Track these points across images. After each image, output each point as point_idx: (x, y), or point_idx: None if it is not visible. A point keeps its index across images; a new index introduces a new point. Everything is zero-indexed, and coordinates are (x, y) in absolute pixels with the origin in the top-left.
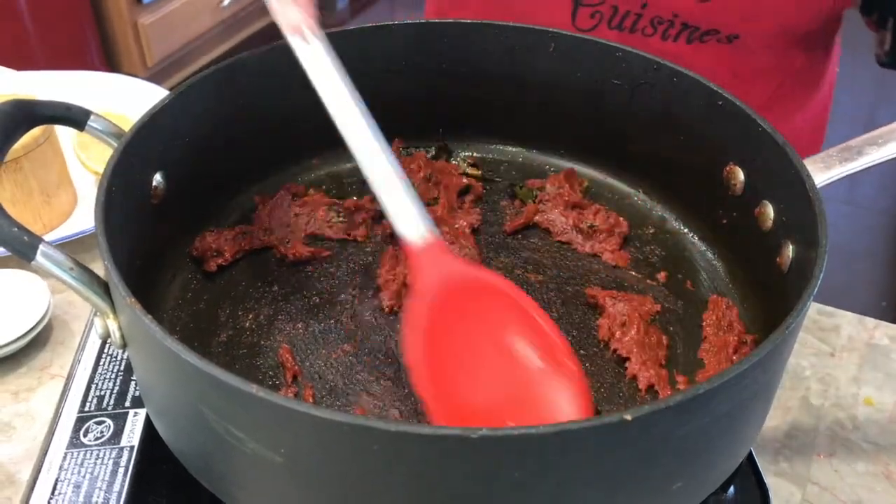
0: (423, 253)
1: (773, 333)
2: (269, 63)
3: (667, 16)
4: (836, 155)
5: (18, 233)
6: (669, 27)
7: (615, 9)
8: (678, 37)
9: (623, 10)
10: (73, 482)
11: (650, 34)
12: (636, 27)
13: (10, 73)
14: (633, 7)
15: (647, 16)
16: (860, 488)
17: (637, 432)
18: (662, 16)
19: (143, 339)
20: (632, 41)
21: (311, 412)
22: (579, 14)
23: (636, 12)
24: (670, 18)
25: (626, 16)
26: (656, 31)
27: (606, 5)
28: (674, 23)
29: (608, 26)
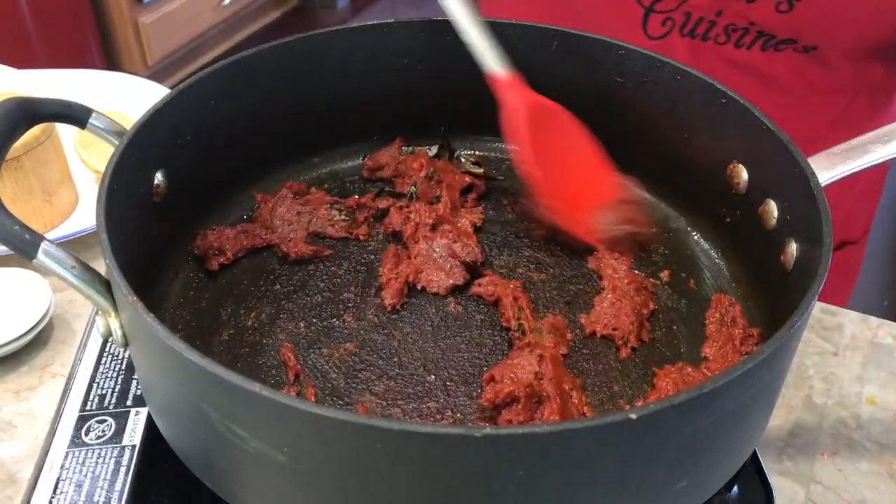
0: (510, 81)
1: (777, 332)
2: (270, 61)
3: (742, 24)
4: (840, 153)
5: (20, 231)
6: (744, 35)
7: (688, 15)
8: (752, 45)
9: (696, 16)
10: (74, 481)
11: (723, 42)
12: (709, 35)
13: (10, 71)
14: (707, 14)
15: (721, 23)
16: (864, 487)
17: (641, 431)
18: (737, 23)
19: (145, 338)
20: (703, 49)
21: (313, 411)
22: (650, 21)
23: (710, 19)
24: (745, 26)
25: (699, 23)
26: (730, 39)
27: (679, 12)
28: (749, 30)
29: (680, 33)
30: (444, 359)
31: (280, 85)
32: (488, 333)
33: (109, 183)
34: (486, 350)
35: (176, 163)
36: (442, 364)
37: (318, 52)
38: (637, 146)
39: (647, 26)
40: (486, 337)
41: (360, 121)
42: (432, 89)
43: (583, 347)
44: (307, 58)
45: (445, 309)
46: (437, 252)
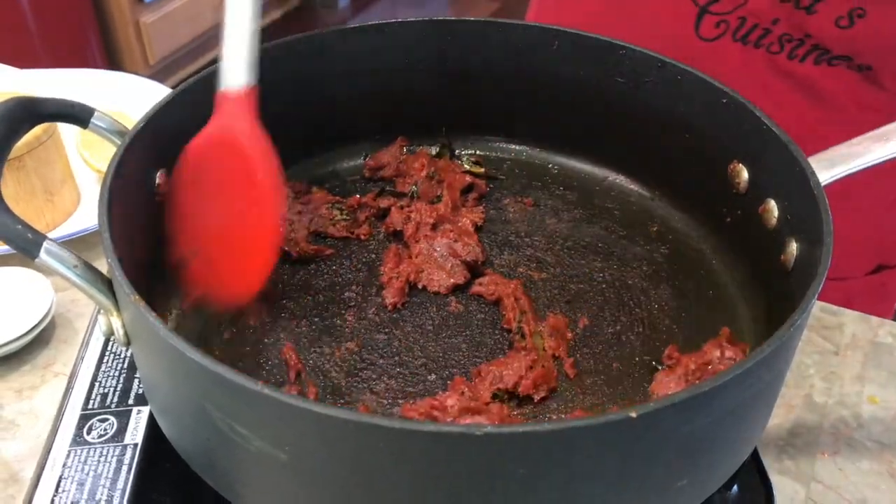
0: (229, 98)
1: (778, 331)
2: (271, 61)
3: (798, 35)
4: (840, 153)
5: (22, 230)
6: (798, 46)
7: (743, 20)
8: (806, 57)
9: (751, 23)
10: (76, 480)
11: (776, 52)
12: (762, 42)
13: (12, 71)
14: (762, 21)
15: (776, 32)
16: (864, 486)
17: (642, 430)
18: (793, 34)
19: (147, 337)
20: (755, 57)
21: (316, 409)
22: (704, 22)
23: (765, 27)
24: (801, 38)
25: (753, 29)
26: (783, 50)
27: (734, 16)
28: (804, 42)
29: (732, 37)
30: (444, 358)
31: (281, 84)
32: (489, 333)
33: (111, 182)
34: (487, 349)
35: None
36: (443, 363)
37: (320, 52)
38: (637, 146)
39: (700, 27)
40: (487, 336)
41: (360, 120)
42: (433, 89)
43: (583, 346)
44: (308, 57)
45: (446, 308)
46: (438, 251)
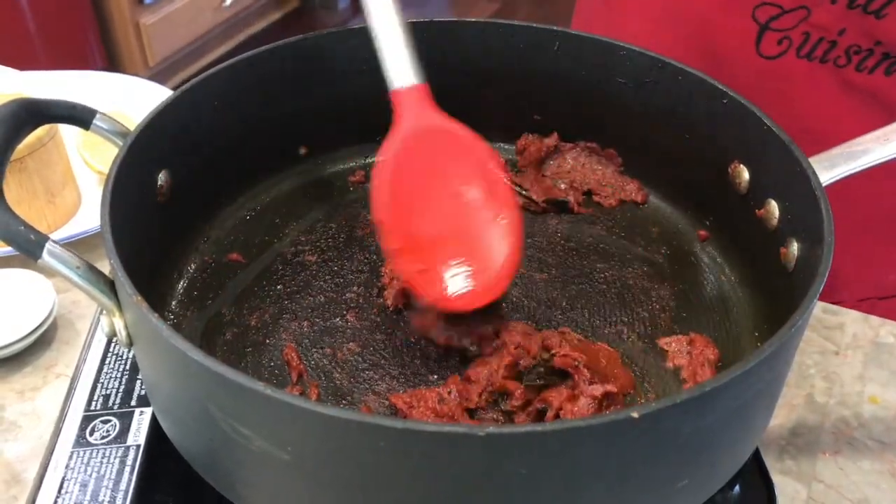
0: (406, 97)
1: (779, 330)
2: (273, 62)
3: (867, 44)
4: (841, 153)
5: (25, 231)
6: (867, 57)
7: (807, 35)
8: (875, 68)
9: (816, 37)
10: (79, 481)
11: (843, 65)
12: (828, 56)
13: (12, 72)
14: (828, 34)
15: (842, 44)
16: (866, 486)
17: (644, 430)
18: (861, 44)
19: (150, 338)
20: (821, 72)
21: (318, 410)
22: (765, 39)
23: (830, 39)
24: (870, 47)
25: (818, 43)
26: (850, 62)
27: (797, 31)
28: (873, 52)
29: (797, 54)
30: (446, 358)
31: (283, 85)
32: None
33: (114, 183)
34: None
35: (179, 163)
36: (444, 363)
37: (321, 53)
38: (638, 147)
39: (761, 45)
40: None
41: (362, 121)
42: (433, 90)
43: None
44: (310, 58)
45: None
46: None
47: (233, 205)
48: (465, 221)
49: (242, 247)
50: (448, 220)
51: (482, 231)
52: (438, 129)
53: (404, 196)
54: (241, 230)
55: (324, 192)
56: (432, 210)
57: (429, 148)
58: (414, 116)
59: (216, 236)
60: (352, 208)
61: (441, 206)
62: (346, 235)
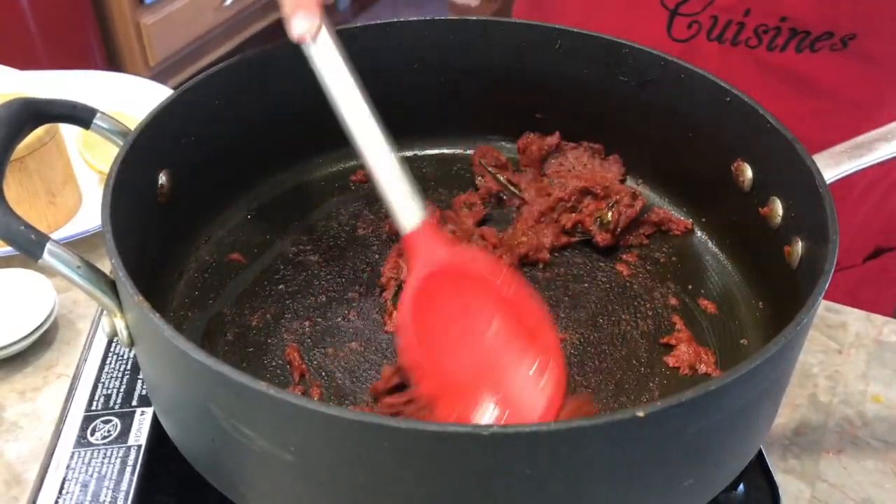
0: (416, 237)
1: (785, 329)
2: (274, 62)
3: (773, 22)
4: (846, 151)
5: (26, 231)
6: (776, 35)
7: (715, 19)
8: (786, 45)
9: (724, 20)
10: (80, 481)
11: (754, 46)
12: (738, 39)
13: (12, 72)
14: (734, 15)
15: (750, 24)
16: (869, 486)
17: (649, 429)
18: (768, 23)
19: (151, 338)
20: (734, 55)
21: (320, 410)
22: (675, 24)
23: (738, 21)
24: (777, 24)
25: (727, 25)
26: (761, 42)
27: (705, 15)
28: (781, 29)
29: (707, 37)
30: None
31: (284, 85)
32: None
33: (114, 183)
34: None
35: (180, 163)
36: None
37: None
38: (640, 145)
39: (673, 29)
40: None
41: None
42: (435, 89)
43: (587, 345)
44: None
45: None
46: None
47: (234, 204)
48: (497, 357)
49: (243, 246)
50: (479, 356)
51: (517, 365)
52: (453, 266)
53: (432, 339)
54: (242, 230)
55: (325, 192)
56: (462, 349)
57: (447, 286)
58: (426, 257)
59: (217, 236)
60: (353, 207)
61: (470, 344)
62: (348, 235)
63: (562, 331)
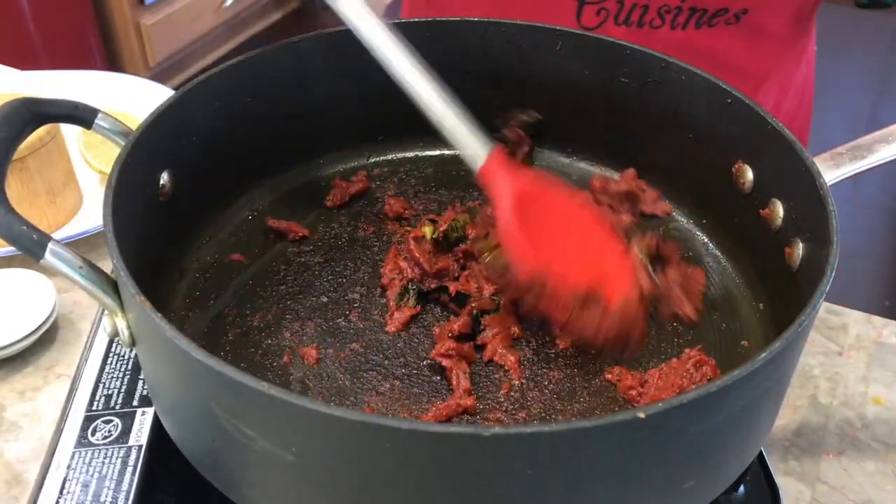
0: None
1: (786, 330)
2: (275, 62)
3: (674, 2)
4: (846, 153)
5: (28, 231)
6: (677, 14)
7: (621, 4)
8: (687, 24)
9: (629, 3)
10: (81, 481)
11: (658, 26)
12: (643, 21)
13: (13, 72)
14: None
15: (653, 6)
16: (870, 487)
17: (650, 430)
18: (669, 3)
19: (153, 338)
20: (640, 36)
21: (322, 410)
22: (584, 12)
23: (643, 4)
24: (678, 5)
25: (632, 9)
26: (664, 22)
27: (611, 1)
28: (682, 9)
29: (615, 22)
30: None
31: (285, 85)
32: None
33: (116, 183)
34: None
35: (182, 163)
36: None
37: (323, 53)
38: (641, 146)
39: (582, 17)
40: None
41: (364, 121)
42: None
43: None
44: (312, 58)
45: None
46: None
47: (235, 205)
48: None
49: (245, 247)
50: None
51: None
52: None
53: (536, 243)
54: (243, 230)
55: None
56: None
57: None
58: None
59: (218, 236)
60: (354, 208)
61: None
62: (349, 236)
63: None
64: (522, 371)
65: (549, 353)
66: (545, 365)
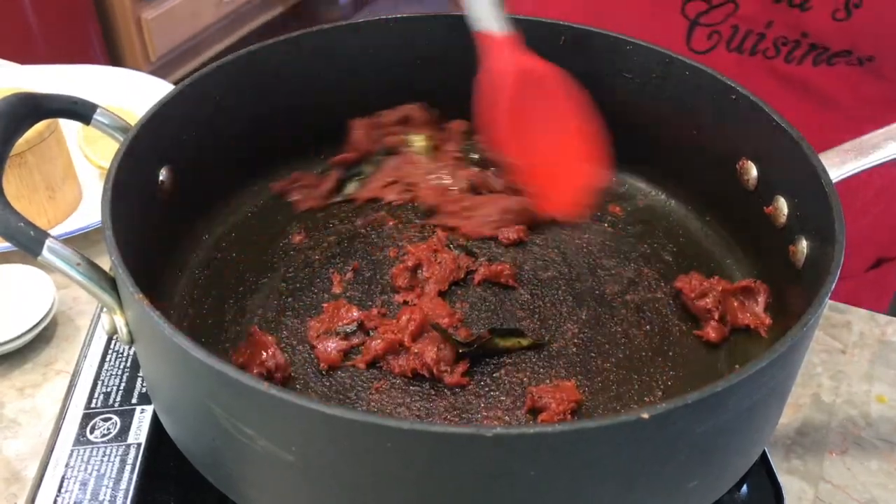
0: (498, 43)
1: (791, 329)
2: (275, 57)
3: (793, 35)
4: (851, 150)
5: (25, 227)
6: (795, 48)
7: (735, 28)
8: (804, 59)
9: (744, 29)
10: (79, 479)
11: (772, 56)
12: (757, 49)
13: (13, 67)
14: (756, 26)
15: (770, 36)
16: (873, 486)
17: (654, 430)
18: (788, 36)
19: (151, 335)
20: (751, 64)
21: (322, 409)
22: (695, 35)
23: (759, 32)
24: (797, 38)
25: (747, 36)
26: (779, 53)
27: (726, 25)
28: (800, 43)
29: (727, 48)
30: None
31: (285, 80)
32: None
33: (115, 179)
34: None
35: (181, 159)
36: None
37: (323, 48)
38: (645, 142)
39: (692, 40)
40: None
41: (365, 116)
42: (437, 85)
43: (590, 343)
44: (312, 53)
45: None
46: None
47: (235, 201)
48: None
49: (244, 244)
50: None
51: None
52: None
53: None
54: (242, 227)
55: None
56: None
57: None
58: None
59: (218, 233)
60: (354, 204)
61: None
62: (350, 233)
63: (570, 328)
64: (523, 368)
65: (549, 352)
66: (546, 364)
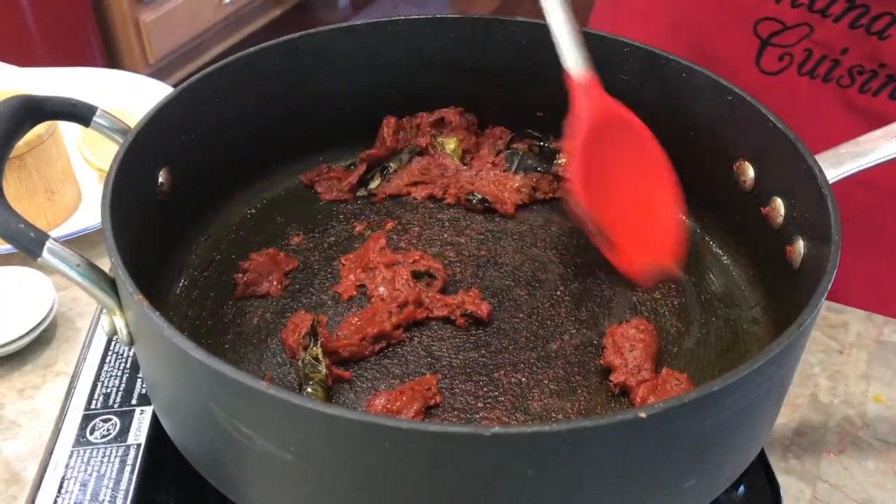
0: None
1: (788, 329)
2: (274, 59)
3: (870, 65)
4: (848, 150)
5: (25, 229)
6: (871, 78)
7: (809, 53)
8: (880, 91)
9: (818, 55)
10: (79, 480)
11: (847, 85)
12: (831, 76)
13: (12, 69)
14: (830, 52)
15: (845, 63)
16: (871, 486)
17: (651, 429)
18: (865, 65)
19: (151, 336)
20: (823, 91)
21: (322, 409)
22: (766, 54)
23: (833, 58)
24: (874, 68)
25: (820, 61)
26: (854, 83)
27: (799, 48)
28: (877, 73)
29: (798, 72)
30: (448, 357)
31: (284, 83)
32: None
33: (114, 180)
34: (492, 349)
35: (180, 161)
36: (446, 362)
37: (322, 50)
38: None
39: (762, 60)
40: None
41: (363, 118)
42: (437, 86)
43: (589, 343)
44: (311, 55)
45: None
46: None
47: (234, 203)
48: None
49: (244, 245)
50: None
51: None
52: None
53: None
54: (242, 228)
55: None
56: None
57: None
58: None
59: (217, 234)
60: (353, 206)
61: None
62: (348, 233)
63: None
64: (521, 368)
65: (549, 352)
66: (545, 364)
